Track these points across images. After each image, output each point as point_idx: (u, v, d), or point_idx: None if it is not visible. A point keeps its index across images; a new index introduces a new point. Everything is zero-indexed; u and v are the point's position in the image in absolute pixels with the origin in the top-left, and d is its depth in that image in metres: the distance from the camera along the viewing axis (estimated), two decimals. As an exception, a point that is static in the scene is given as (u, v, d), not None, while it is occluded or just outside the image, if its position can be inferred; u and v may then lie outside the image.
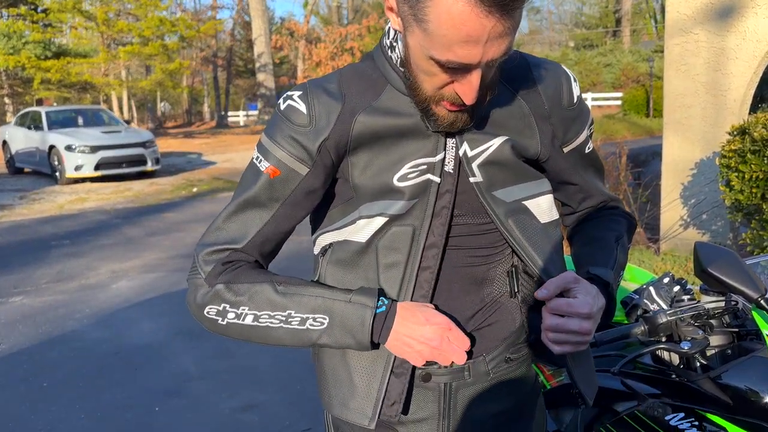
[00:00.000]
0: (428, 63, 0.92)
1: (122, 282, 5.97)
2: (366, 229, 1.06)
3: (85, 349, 4.38)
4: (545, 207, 1.14)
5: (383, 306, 1.03)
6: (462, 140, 1.06)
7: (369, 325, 1.01)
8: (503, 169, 1.08)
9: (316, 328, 1.03)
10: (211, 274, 1.06)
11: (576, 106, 1.14)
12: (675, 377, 1.66)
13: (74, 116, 14.53)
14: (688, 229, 5.51)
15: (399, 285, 1.06)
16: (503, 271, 1.17)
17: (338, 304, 1.03)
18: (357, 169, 1.05)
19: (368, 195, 1.05)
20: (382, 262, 1.07)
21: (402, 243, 1.06)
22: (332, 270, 1.11)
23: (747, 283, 1.49)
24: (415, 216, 1.05)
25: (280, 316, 1.04)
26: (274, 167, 1.05)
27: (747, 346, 1.65)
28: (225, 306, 1.05)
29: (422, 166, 1.04)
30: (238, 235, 1.07)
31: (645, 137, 16.84)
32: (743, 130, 4.27)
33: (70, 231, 8.44)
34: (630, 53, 29.59)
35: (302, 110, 1.03)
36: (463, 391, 1.13)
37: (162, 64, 22.30)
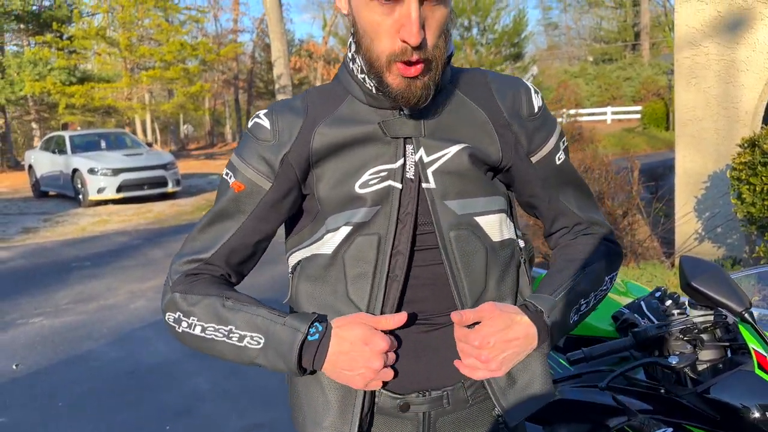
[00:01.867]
0: (368, 9, 0.96)
1: (140, 302, 6.05)
2: (332, 240, 1.07)
3: (101, 368, 4.45)
4: (497, 225, 1.11)
5: (316, 333, 1.03)
6: (419, 146, 1.07)
7: (296, 351, 1.01)
8: (460, 180, 1.07)
9: (253, 347, 1.05)
10: (175, 282, 1.11)
11: (538, 116, 1.12)
12: (664, 392, 1.65)
13: (97, 140, 14.82)
14: (703, 243, 5.45)
15: (368, 296, 1.06)
16: None
17: (274, 325, 1.04)
18: (321, 182, 1.08)
19: (333, 206, 1.07)
20: (350, 274, 1.07)
21: (368, 252, 1.06)
22: (303, 287, 1.12)
23: (731, 297, 1.49)
24: (380, 224, 1.06)
25: (223, 330, 1.06)
26: (239, 182, 1.10)
27: (738, 360, 1.64)
28: (179, 314, 1.09)
29: (383, 173, 1.06)
30: (206, 245, 1.12)
31: (664, 150, 16.67)
32: (753, 143, 4.24)
33: (92, 253, 8.59)
34: (650, 66, 29.40)
35: (266, 126, 1.09)
36: (442, 420, 1.12)
37: (183, 87, 22.70)
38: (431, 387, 1.10)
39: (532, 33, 38.18)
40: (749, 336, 1.52)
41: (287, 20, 48.17)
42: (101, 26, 24.27)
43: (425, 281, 1.09)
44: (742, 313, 1.47)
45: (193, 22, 26.78)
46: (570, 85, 25.30)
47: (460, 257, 1.07)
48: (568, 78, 27.83)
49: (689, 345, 1.65)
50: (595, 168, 5.55)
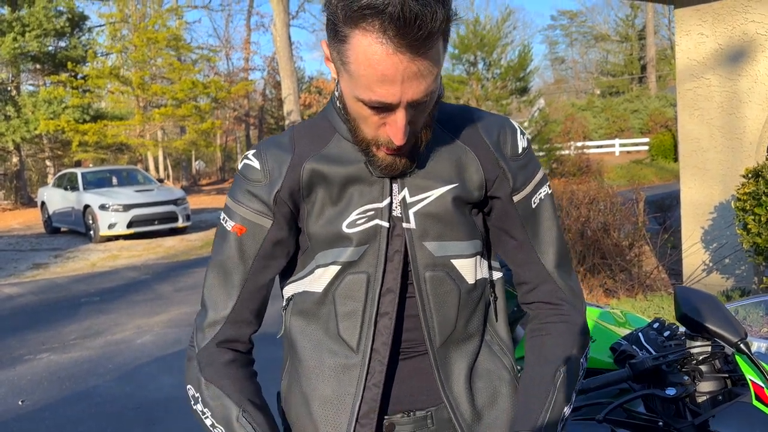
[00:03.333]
0: (357, 105, 0.98)
1: (147, 337, 6.05)
2: (322, 278, 1.09)
3: (106, 404, 4.44)
4: (472, 267, 1.12)
5: None
6: (403, 185, 1.08)
7: None
8: (439, 223, 1.08)
9: None
10: (202, 353, 1.12)
11: (522, 156, 1.13)
12: (662, 424, 1.63)
13: (109, 176, 15.01)
14: (711, 274, 5.41)
15: (358, 333, 1.08)
16: None
17: None
18: (311, 218, 1.10)
19: (321, 243, 1.09)
20: (340, 311, 1.09)
21: (357, 290, 1.08)
22: (296, 322, 1.14)
23: (726, 327, 1.49)
24: (368, 262, 1.07)
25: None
26: (240, 225, 1.10)
27: (738, 392, 1.62)
28: (198, 396, 1.11)
29: (370, 212, 1.07)
30: (222, 299, 1.12)
31: (672, 181, 16.63)
32: (757, 173, 4.24)
33: (101, 288, 8.63)
34: (657, 99, 29.53)
35: (256, 166, 1.10)
36: None
37: (195, 124, 23.01)
38: (416, 408, 1.12)
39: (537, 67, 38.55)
40: (746, 367, 1.50)
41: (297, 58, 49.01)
42: (115, 65, 24.84)
43: (413, 311, 1.11)
44: (738, 344, 1.46)
45: (205, 60, 27.32)
46: (577, 118, 25.44)
47: (433, 297, 1.09)
48: (576, 111, 27.99)
49: (687, 376, 1.64)
50: (601, 199, 5.56)
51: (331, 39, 0.95)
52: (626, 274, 5.52)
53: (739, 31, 5.12)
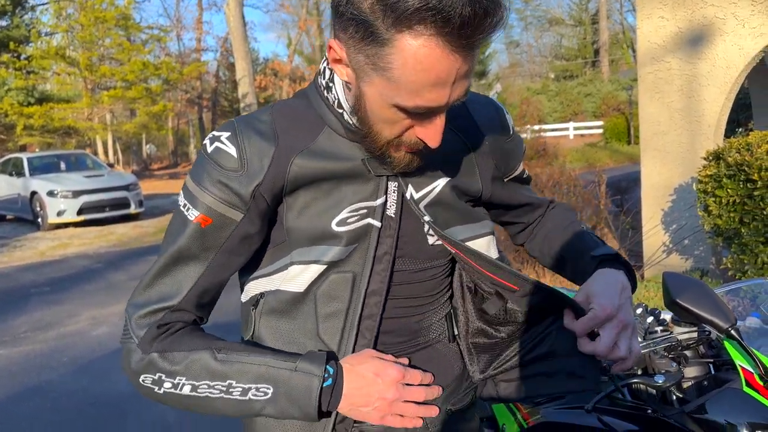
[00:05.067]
0: (391, 111, 0.89)
1: (102, 328, 5.85)
2: (301, 276, 1.01)
3: (62, 399, 4.26)
4: (485, 247, 1.12)
5: (330, 378, 0.96)
6: (406, 183, 1.03)
7: (316, 396, 0.94)
8: (447, 210, 1.07)
9: (259, 399, 0.96)
10: (144, 339, 0.99)
11: (512, 137, 1.16)
12: (651, 412, 1.61)
13: (56, 161, 14.46)
14: (671, 255, 5.51)
15: (340, 335, 1.01)
16: (439, 318, 1.13)
17: (283, 372, 0.96)
18: (292, 212, 1.01)
19: (303, 240, 1.01)
20: (321, 312, 1.01)
21: (342, 291, 1.01)
22: (267, 322, 1.05)
23: (717, 314, 1.46)
24: (355, 262, 1.01)
25: (220, 386, 0.96)
26: (205, 215, 0.97)
27: (723, 377, 1.61)
28: (161, 375, 0.97)
29: (362, 210, 1.01)
30: (171, 291, 1.00)
31: (627, 164, 17.03)
32: (718, 156, 4.30)
33: (51, 278, 8.31)
34: (609, 83, 30.09)
35: (232, 153, 0.97)
36: None
37: (146, 106, 22.37)
38: None
39: (495, 51, 38.78)
40: (736, 353, 1.49)
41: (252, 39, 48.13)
42: (60, 46, 23.88)
43: (397, 314, 1.07)
44: (729, 330, 1.44)
45: (156, 41, 26.48)
46: (533, 101, 25.72)
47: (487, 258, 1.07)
48: (531, 95, 28.31)
49: (674, 363, 1.62)
50: (564, 183, 5.59)
51: (359, 41, 0.85)
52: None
53: (699, 15, 5.18)
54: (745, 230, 4.07)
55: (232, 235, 0.99)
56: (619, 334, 0.97)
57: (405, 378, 0.99)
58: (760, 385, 1.43)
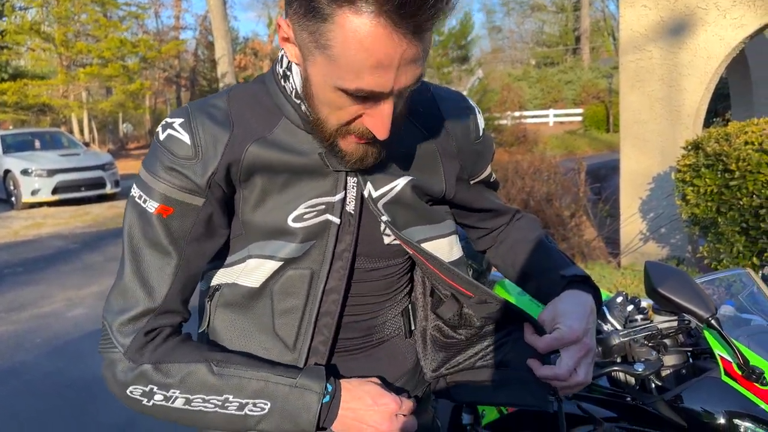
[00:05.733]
0: (335, 94, 0.85)
1: (78, 310, 5.77)
2: (258, 271, 0.98)
3: (36, 382, 4.21)
4: (446, 248, 1.09)
5: (327, 395, 0.95)
6: (365, 180, 1.00)
7: (316, 413, 0.93)
8: (407, 209, 1.04)
9: (255, 414, 0.94)
10: (131, 348, 0.95)
11: (482, 139, 1.12)
12: (630, 400, 1.63)
13: (31, 139, 14.15)
14: (647, 243, 5.58)
15: (296, 331, 0.99)
16: (395, 314, 1.11)
17: (282, 388, 0.94)
18: (248, 205, 0.97)
19: (259, 234, 0.98)
20: (278, 308, 0.99)
21: (299, 288, 0.98)
22: (223, 315, 1.02)
23: (697, 303, 1.48)
24: (313, 259, 0.98)
25: (215, 400, 0.94)
26: (164, 205, 0.93)
27: (701, 366, 1.63)
28: (152, 387, 0.94)
29: (320, 206, 0.97)
30: (150, 293, 0.95)
31: (606, 152, 17.16)
32: (697, 145, 4.35)
33: (25, 258, 8.17)
34: (590, 70, 30.20)
35: (185, 141, 0.93)
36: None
37: (122, 85, 21.97)
38: None
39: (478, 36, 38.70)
40: (715, 342, 1.50)
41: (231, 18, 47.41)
42: (35, 21, 23.27)
43: (353, 312, 1.05)
44: (708, 320, 1.46)
45: (133, 18, 25.96)
46: (514, 88, 25.72)
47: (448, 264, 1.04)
48: (512, 81, 28.30)
49: (654, 351, 1.64)
50: (544, 170, 5.61)
51: (302, 17, 0.81)
52: (566, 243, 5.63)
53: (681, 4, 5.20)
54: (721, 220, 4.13)
55: (197, 221, 0.95)
56: (581, 359, 0.96)
57: (401, 410, 0.97)
58: (738, 374, 1.45)
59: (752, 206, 3.92)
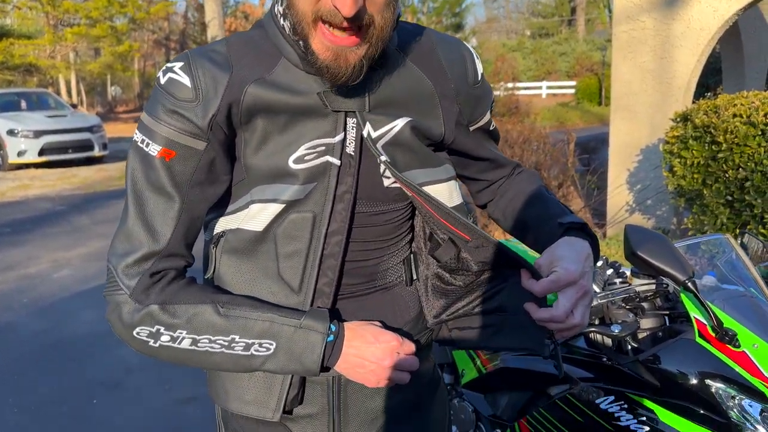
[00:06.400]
0: None
1: (64, 271, 5.77)
2: (261, 215, 0.99)
3: (21, 341, 4.22)
4: (446, 193, 1.09)
5: (331, 335, 0.97)
6: (364, 120, 1.00)
7: (320, 353, 0.95)
8: (406, 151, 1.04)
9: (261, 354, 0.96)
10: (137, 289, 0.95)
11: (480, 84, 1.12)
12: (606, 360, 1.66)
13: (17, 100, 13.92)
14: (633, 215, 5.61)
15: (301, 274, 1.00)
16: (397, 262, 1.12)
17: (287, 329, 0.96)
18: (249, 148, 0.98)
19: (260, 177, 0.99)
20: (281, 251, 1.00)
21: (302, 230, 0.99)
22: (227, 261, 1.03)
23: (675, 266, 1.50)
24: (315, 201, 0.99)
25: (222, 340, 0.95)
26: (167, 148, 0.95)
27: (677, 329, 1.66)
28: (159, 328, 0.95)
29: (320, 147, 0.98)
30: (155, 235, 0.96)
31: (597, 125, 17.14)
32: (686, 117, 4.35)
33: (12, 219, 8.12)
34: (584, 42, 29.99)
35: (186, 83, 0.94)
36: (353, 384, 1.08)
37: (111, 46, 21.62)
38: None
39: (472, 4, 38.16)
40: (691, 305, 1.53)
41: (222, -19, 46.51)
42: (21, -22, 22.72)
43: (354, 257, 1.06)
44: (686, 282, 1.48)
45: (122, -23, 25.39)
46: (507, 58, 25.53)
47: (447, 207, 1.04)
48: (506, 52, 28.07)
49: (631, 314, 1.66)
50: (534, 140, 5.60)
51: None
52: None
53: (676, -26, 5.15)
54: (707, 192, 4.16)
55: (200, 165, 0.97)
56: (578, 301, 0.97)
57: (401, 347, 1.00)
58: (712, 336, 1.48)
59: (738, 179, 3.95)
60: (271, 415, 1.03)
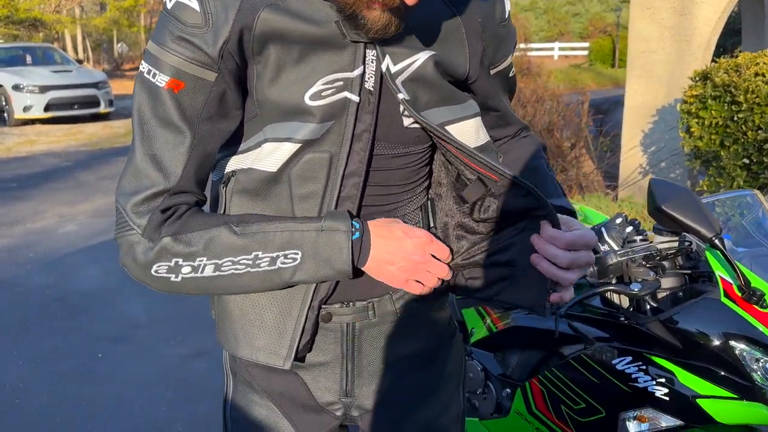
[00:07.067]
0: None
1: (70, 226, 5.74)
2: (274, 155, 0.92)
3: (27, 294, 4.21)
4: (472, 131, 1.02)
5: (356, 232, 0.92)
6: (384, 53, 0.92)
7: (348, 251, 0.91)
8: (428, 89, 0.96)
9: (289, 266, 0.91)
10: (149, 227, 0.90)
11: (507, 23, 1.05)
12: (624, 320, 1.60)
13: (22, 54, 13.77)
14: (646, 177, 5.51)
15: (317, 216, 0.95)
16: (414, 209, 1.06)
17: (309, 234, 0.91)
18: (262, 81, 0.91)
19: (275, 114, 0.91)
20: (296, 193, 0.94)
21: (318, 172, 0.93)
22: (238, 201, 0.97)
23: (702, 222, 1.42)
24: (332, 141, 0.92)
25: (245, 260, 0.90)
26: (175, 79, 0.87)
27: (699, 288, 1.59)
28: (177, 261, 0.90)
29: (338, 83, 0.90)
30: (164, 172, 0.90)
31: (610, 87, 16.87)
32: (705, 76, 4.22)
33: (18, 174, 8.08)
34: (598, 3, 29.35)
35: (194, 7, 0.86)
36: (367, 332, 1.03)
37: (116, 1, 21.28)
38: (356, 298, 1.02)
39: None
40: (716, 263, 1.46)
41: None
42: (24, -71, 22.27)
43: (371, 202, 0.99)
44: (712, 239, 1.40)
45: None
46: (520, 18, 25.07)
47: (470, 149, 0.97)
48: (519, 11, 27.54)
49: (651, 272, 1.59)
50: (546, 99, 5.47)
51: None
52: (564, 174, 5.55)
53: (701, -74, 4.94)
54: (724, 153, 4.05)
55: (210, 97, 0.90)
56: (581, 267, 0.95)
57: (432, 245, 0.96)
58: (738, 296, 1.41)
59: (757, 140, 3.84)
60: (282, 362, 0.98)
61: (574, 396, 1.60)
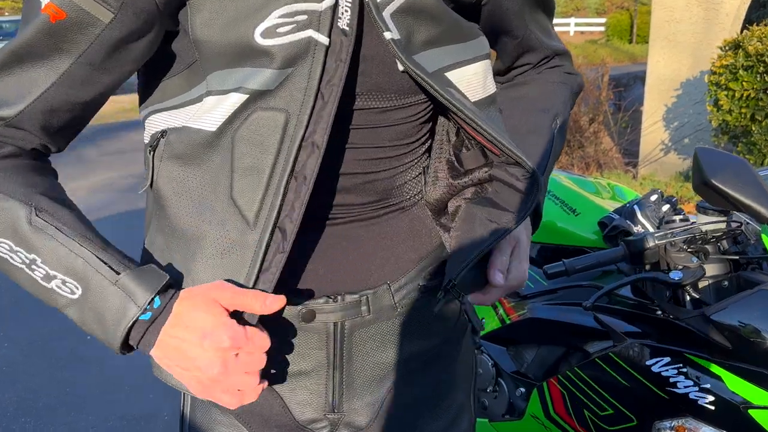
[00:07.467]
0: None
1: (69, 202, 5.59)
2: (216, 110, 0.70)
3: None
4: (480, 78, 0.80)
5: (149, 312, 0.69)
6: None
7: (126, 327, 0.69)
8: (425, 23, 0.73)
9: (64, 294, 0.70)
10: None
11: None
12: (660, 314, 1.37)
13: (27, 28, 13.70)
14: (668, 154, 5.24)
15: (259, 200, 0.70)
16: (416, 175, 0.85)
17: (100, 279, 0.69)
18: (199, 16, 0.68)
19: (219, 58, 0.69)
20: (238, 164, 0.71)
21: (268, 136, 0.69)
22: (169, 171, 0.75)
23: (760, 199, 1.18)
24: (289, 96, 0.69)
25: (23, 256, 0.70)
26: (56, 6, 0.66)
27: (748, 278, 1.35)
28: None
29: (300, 16, 0.67)
30: (11, 96, 0.70)
31: (627, 63, 16.47)
32: (737, 45, 3.94)
33: (19, 149, 7.95)
34: (616, -23, 28.70)
35: None
36: (360, 333, 0.82)
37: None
38: (345, 290, 0.80)
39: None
40: (776, 248, 1.22)
41: None
42: None
43: (358, 169, 0.78)
44: (774, 220, 1.17)
45: None
46: (535, -8, 24.55)
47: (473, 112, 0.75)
48: (534, -15, 26.98)
49: (694, 258, 1.36)
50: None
51: None
52: (582, 151, 5.30)
53: None
54: (755, 128, 3.78)
55: (97, 41, 0.68)
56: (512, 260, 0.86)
57: (245, 347, 0.70)
58: (801, 287, 1.18)
59: (793, 114, 3.57)
60: None
61: (600, 400, 1.38)
